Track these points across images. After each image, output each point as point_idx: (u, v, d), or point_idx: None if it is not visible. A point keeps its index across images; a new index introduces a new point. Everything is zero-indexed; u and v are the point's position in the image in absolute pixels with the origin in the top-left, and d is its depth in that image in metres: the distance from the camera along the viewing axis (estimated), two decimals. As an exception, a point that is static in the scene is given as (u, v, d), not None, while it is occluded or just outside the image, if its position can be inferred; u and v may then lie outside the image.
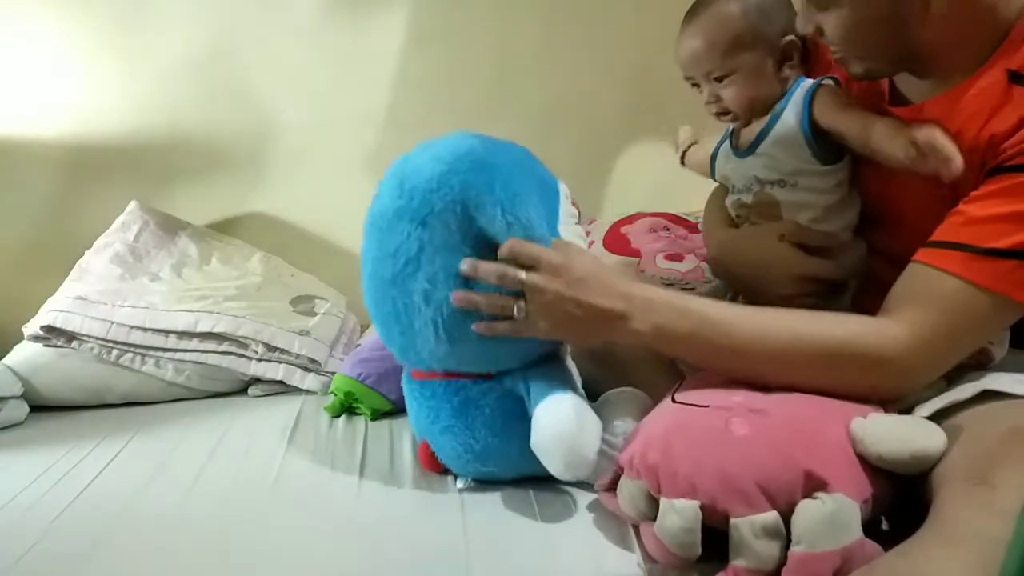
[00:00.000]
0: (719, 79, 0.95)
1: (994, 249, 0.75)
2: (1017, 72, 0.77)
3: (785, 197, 0.95)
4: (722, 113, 0.98)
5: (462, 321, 0.90)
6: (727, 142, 1.03)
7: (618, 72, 1.90)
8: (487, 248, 0.88)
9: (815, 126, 0.91)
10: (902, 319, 0.79)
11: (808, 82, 0.94)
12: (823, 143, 0.91)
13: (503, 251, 0.86)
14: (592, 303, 0.84)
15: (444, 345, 0.91)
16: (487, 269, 0.86)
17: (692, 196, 1.18)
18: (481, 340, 0.90)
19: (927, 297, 0.78)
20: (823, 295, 0.94)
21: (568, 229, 0.99)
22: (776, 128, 0.94)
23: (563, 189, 1.04)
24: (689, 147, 1.19)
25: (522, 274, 0.85)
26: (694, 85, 0.99)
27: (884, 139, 0.82)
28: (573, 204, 1.05)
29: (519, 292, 0.86)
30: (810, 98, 0.91)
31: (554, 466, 0.87)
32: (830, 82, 0.93)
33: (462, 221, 0.88)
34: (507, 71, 1.88)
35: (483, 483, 0.97)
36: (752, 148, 0.96)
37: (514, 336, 0.89)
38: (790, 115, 0.93)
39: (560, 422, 0.87)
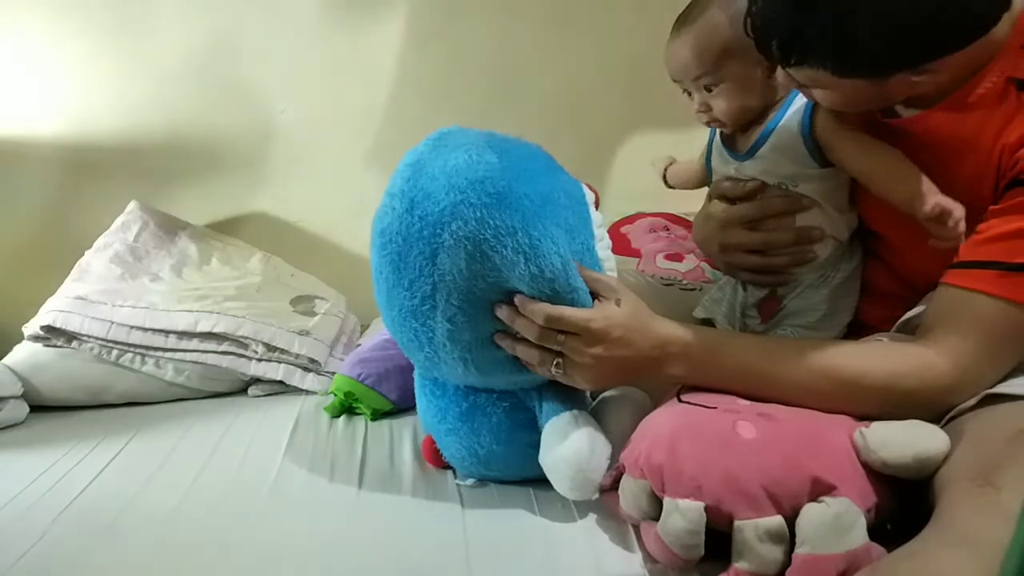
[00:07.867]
0: (708, 88, 0.94)
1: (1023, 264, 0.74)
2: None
3: None
4: (713, 122, 0.98)
5: (493, 356, 0.88)
6: (719, 142, 1.03)
7: (618, 72, 1.89)
8: (502, 288, 0.83)
9: (815, 133, 0.91)
10: (941, 348, 0.79)
11: None
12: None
13: (539, 319, 0.82)
14: (631, 358, 0.84)
15: (473, 376, 0.90)
16: (525, 326, 0.84)
17: (692, 196, 1.18)
18: (511, 371, 0.89)
19: (962, 320, 0.78)
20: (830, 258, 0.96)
21: (601, 245, 0.96)
22: (776, 133, 0.93)
23: (587, 194, 0.99)
24: (667, 167, 1.19)
25: (560, 337, 0.83)
26: (685, 92, 0.99)
27: (892, 183, 0.83)
28: (594, 192, 1.01)
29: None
30: (811, 108, 0.91)
31: (561, 486, 0.87)
32: None
33: (474, 258, 0.80)
34: (507, 71, 1.87)
35: (483, 481, 0.97)
36: (752, 152, 0.96)
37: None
38: (791, 121, 0.92)
39: (570, 444, 0.86)
